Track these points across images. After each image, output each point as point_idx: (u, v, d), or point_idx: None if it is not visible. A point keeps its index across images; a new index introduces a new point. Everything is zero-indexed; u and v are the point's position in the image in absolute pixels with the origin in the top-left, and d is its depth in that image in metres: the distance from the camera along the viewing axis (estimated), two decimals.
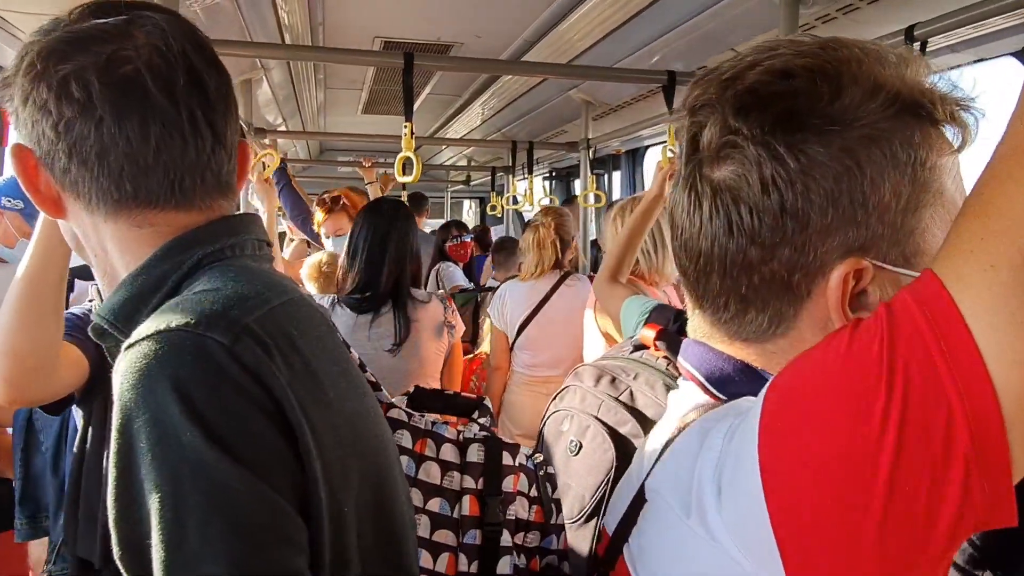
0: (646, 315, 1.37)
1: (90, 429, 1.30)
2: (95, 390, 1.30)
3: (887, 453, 0.43)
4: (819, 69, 0.56)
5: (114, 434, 0.55)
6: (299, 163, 6.62)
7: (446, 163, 7.21)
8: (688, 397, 0.65)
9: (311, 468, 0.59)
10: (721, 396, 0.62)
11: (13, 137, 0.71)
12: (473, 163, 6.84)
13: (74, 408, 1.36)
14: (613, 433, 0.92)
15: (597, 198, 3.58)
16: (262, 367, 0.58)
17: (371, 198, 3.84)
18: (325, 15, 2.85)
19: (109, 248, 0.70)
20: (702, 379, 0.63)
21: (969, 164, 0.59)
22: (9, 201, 2.45)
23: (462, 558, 0.88)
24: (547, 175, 6.72)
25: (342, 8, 2.78)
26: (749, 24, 2.36)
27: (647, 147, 5.04)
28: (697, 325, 0.65)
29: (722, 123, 0.58)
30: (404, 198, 4.87)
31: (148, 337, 0.57)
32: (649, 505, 0.62)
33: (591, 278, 2.77)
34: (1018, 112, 0.45)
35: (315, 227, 3.57)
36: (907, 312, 0.45)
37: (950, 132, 0.59)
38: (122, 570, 0.55)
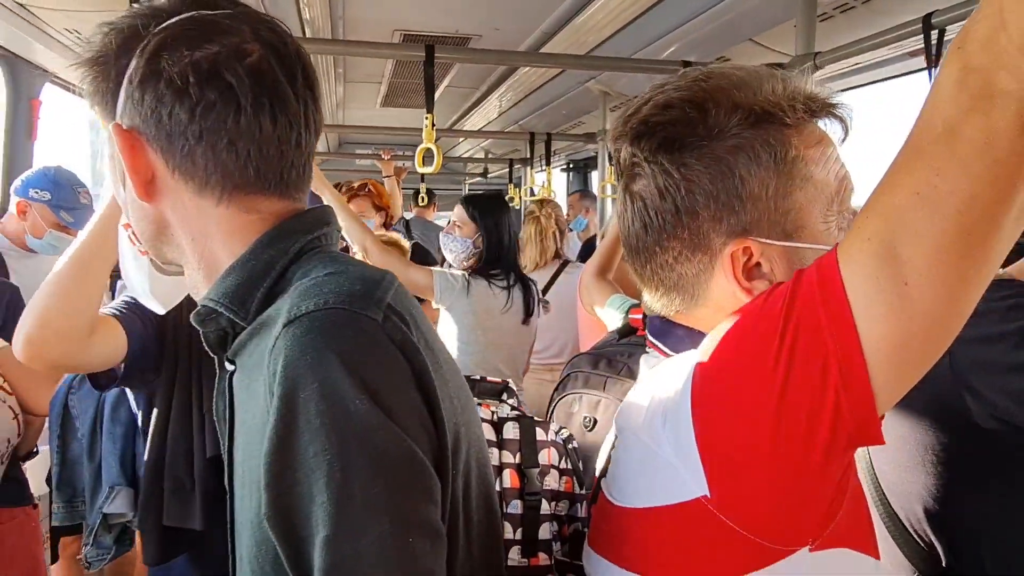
0: (627, 309, 1.55)
1: (173, 407, 1.36)
2: (171, 371, 1.36)
3: (778, 382, 0.57)
4: (690, 100, 0.71)
5: (276, 403, 0.58)
6: (317, 156, 6.67)
7: (464, 155, 7.23)
8: (654, 360, 0.81)
9: (443, 435, 0.63)
10: (673, 354, 0.77)
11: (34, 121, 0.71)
12: (491, 155, 6.87)
13: (130, 394, 1.42)
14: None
15: (615, 189, 3.60)
16: (407, 342, 0.62)
17: (389, 191, 3.89)
18: (345, 9, 2.89)
19: (213, 232, 0.72)
20: (661, 345, 0.79)
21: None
22: (36, 192, 2.50)
23: (507, 526, 0.94)
24: (565, 166, 6.73)
25: (362, 1, 2.81)
26: (767, 13, 2.37)
27: None
28: (648, 303, 0.81)
29: (628, 148, 0.74)
30: (423, 190, 4.90)
31: (307, 315, 0.60)
32: (618, 440, 0.78)
33: None
34: (924, 107, 0.54)
35: None
36: (808, 276, 0.59)
37: (830, 127, 0.73)
38: (268, 528, 0.58)
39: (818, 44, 2.04)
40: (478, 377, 1.11)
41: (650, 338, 0.81)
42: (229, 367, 0.72)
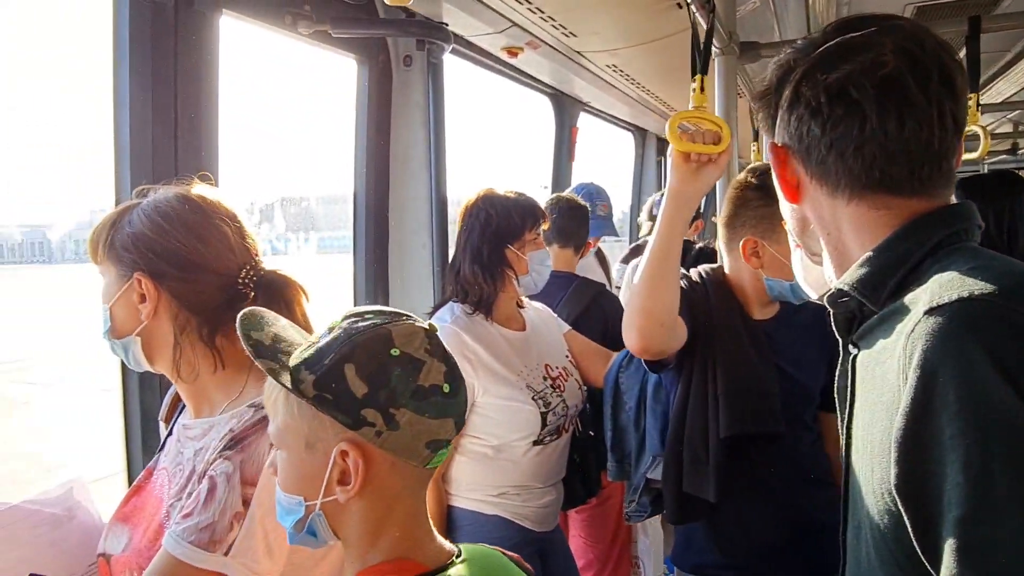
0: None
1: (692, 387, 1.55)
2: (691, 356, 1.55)
3: None
4: None
5: (911, 385, 0.63)
6: None
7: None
8: None
9: None
10: None
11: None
12: (1022, 127, 5.77)
13: (664, 372, 1.64)
14: None
15: None
16: None
17: None
18: None
19: (843, 227, 0.81)
20: None
21: None
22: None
23: None
24: None
25: None
26: None
27: None
28: None
29: None
30: None
31: (949, 304, 0.64)
32: None
33: None
34: None
35: None
36: None
37: None
38: (896, 496, 0.65)
39: None
40: None
41: None
42: (852, 350, 0.80)
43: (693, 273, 1.67)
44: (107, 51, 1.46)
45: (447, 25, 2.10)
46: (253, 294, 1.09)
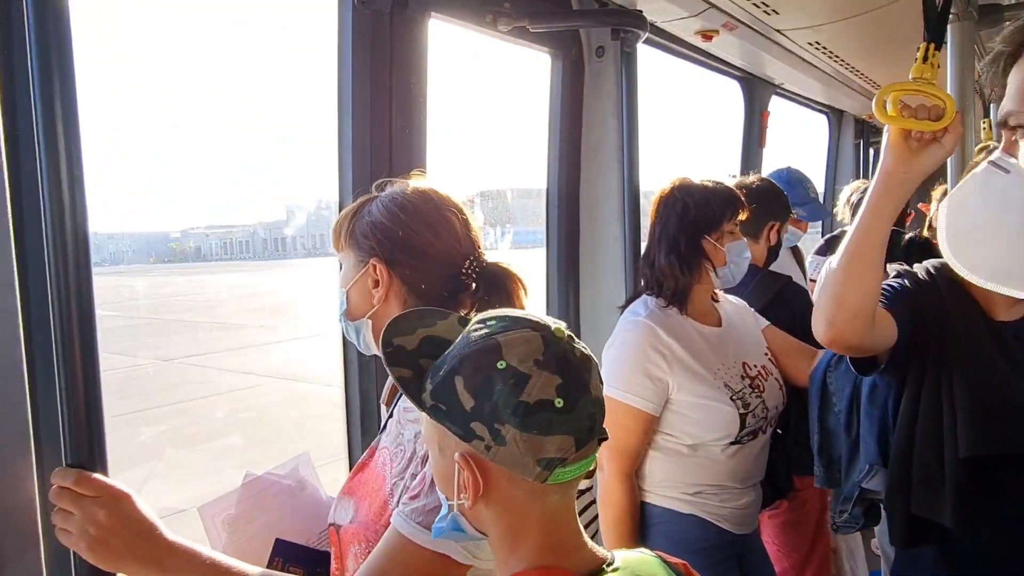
0: None
1: (921, 399, 1.41)
2: (920, 364, 1.40)
3: None
4: None
5: None
6: None
7: None
8: None
9: None
10: None
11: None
12: None
13: (879, 377, 1.50)
14: None
15: None
16: None
17: None
18: None
19: None
20: None
21: None
22: None
23: None
24: None
25: None
26: None
27: None
28: None
29: None
30: None
31: None
32: None
33: None
34: None
35: None
36: None
37: None
38: None
39: None
40: None
41: None
42: None
43: (919, 269, 1.50)
44: (332, 58, 1.58)
45: (642, 12, 2.06)
46: (475, 285, 1.13)
